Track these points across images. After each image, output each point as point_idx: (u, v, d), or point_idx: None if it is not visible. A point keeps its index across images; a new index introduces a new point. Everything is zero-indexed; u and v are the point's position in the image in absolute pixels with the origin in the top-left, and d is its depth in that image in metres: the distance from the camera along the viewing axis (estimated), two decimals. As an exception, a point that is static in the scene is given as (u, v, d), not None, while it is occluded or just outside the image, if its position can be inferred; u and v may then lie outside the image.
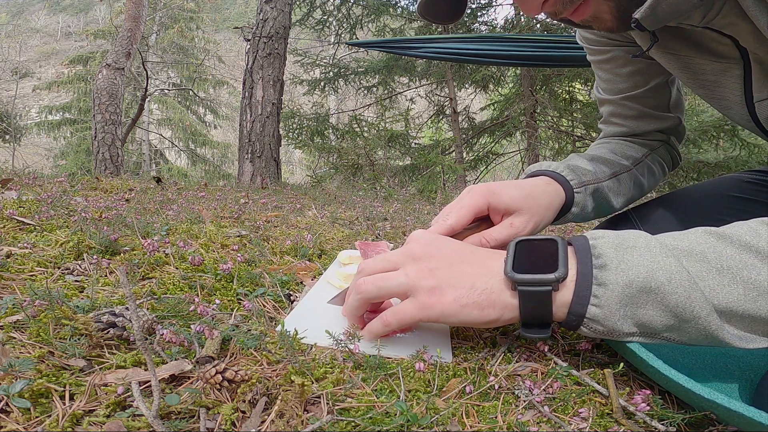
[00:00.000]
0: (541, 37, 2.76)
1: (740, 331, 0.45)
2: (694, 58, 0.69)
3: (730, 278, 0.44)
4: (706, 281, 0.44)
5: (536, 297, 0.47)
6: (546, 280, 0.46)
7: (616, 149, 0.83)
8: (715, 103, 0.74)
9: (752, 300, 0.43)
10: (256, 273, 0.76)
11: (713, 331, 0.44)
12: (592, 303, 0.45)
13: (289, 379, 0.44)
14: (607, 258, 0.46)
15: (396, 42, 3.32)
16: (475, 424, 0.42)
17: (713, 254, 0.45)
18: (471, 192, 0.65)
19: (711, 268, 0.44)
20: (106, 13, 21.28)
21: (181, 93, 14.37)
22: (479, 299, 0.48)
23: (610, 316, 0.45)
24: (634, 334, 0.46)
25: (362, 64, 6.83)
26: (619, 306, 0.45)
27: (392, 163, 6.37)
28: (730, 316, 0.44)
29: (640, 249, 0.46)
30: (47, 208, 1.12)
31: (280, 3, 4.27)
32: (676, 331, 0.45)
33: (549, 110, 6.45)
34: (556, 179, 0.70)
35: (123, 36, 4.93)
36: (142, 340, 0.39)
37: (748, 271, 0.43)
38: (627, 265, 0.45)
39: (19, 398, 0.38)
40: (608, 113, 0.89)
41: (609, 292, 0.45)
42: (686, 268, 0.44)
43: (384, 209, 2.28)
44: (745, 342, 0.45)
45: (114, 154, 4.65)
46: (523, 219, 0.64)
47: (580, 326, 0.47)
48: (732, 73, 0.66)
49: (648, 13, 0.55)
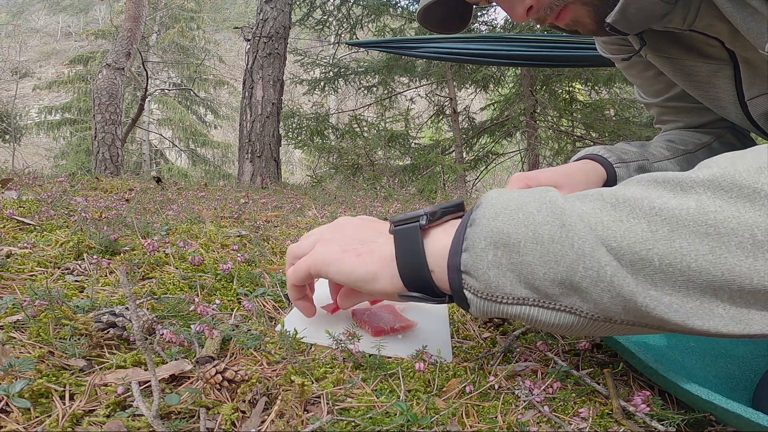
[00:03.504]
0: (541, 37, 2.76)
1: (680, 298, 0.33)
2: (686, 61, 0.70)
3: (628, 211, 0.34)
4: (597, 217, 0.35)
5: (405, 235, 0.43)
6: (414, 214, 0.43)
7: (673, 138, 0.82)
8: (711, 103, 0.74)
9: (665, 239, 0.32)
10: (256, 273, 0.76)
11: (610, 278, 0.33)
12: (464, 248, 0.39)
13: (289, 379, 0.44)
14: (486, 198, 0.40)
15: (396, 42, 3.32)
16: (475, 424, 0.42)
17: (610, 192, 0.36)
18: (511, 179, 0.67)
19: (605, 204, 0.35)
20: (106, 13, 21.29)
21: (182, 93, 14.38)
22: (360, 248, 0.46)
23: (478, 262, 0.37)
24: (526, 300, 0.37)
25: (362, 64, 6.83)
26: (485, 245, 0.37)
27: (392, 163, 6.37)
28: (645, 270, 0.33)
29: (523, 195, 0.39)
30: (47, 208, 1.12)
31: (280, 3, 4.27)
32: (573, 292, 0.35)
33: (549, 110, 6.45)
34: (593, 159, 0.72)
35: (123, 36, 4.93)
36: (142, 340, 0.39)
37: (650, 201, 0.34)
38: (499, 200, 0.39)
39: (19, 398, 0.38)
40: (658, 114, 0.89)
41: (475, 229, 0.38)
42: (570, 202, 0.37)
43: (384, 209, 2.28)
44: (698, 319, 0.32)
45: (114, 154, 4.65)
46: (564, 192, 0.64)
47: (462, 289, 0.39)
48: (723, 73, 0.67)
49: (619, 17, 0.57)
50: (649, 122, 5.38)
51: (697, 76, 0.71)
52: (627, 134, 5.40)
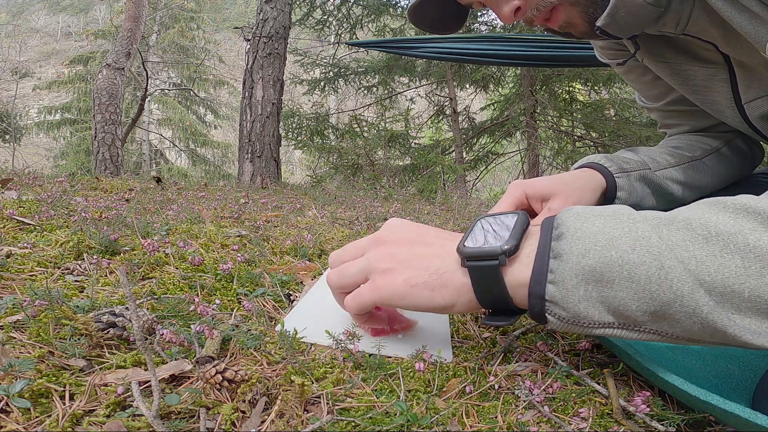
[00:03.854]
0: (541, 37, 2.76)
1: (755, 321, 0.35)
2: (682, 65, 0.70)
3: (722, 247, 0.35)
4: (690, 251, 0.36)
5: (484, 273, 0.42)
6: (491, 252, 0.41)
7: (678, 143, 0.81)
8: (708, 107, 0.74)
9: (757, 275, 0.34)
10: (256, 273, 0.76)
11: (706, 315, 0.35)
12: (549, 280, 0.39)
13: (289, 379, 0.44)
14: (566, 227, 0.40)
15: (396, 42, 3.32)
16: (475, 424, 0.42)
17: (699, 220, 0.37)
18: (509, 187, 0.68)
19: (696, 236, 0.36)
20: (106, 13, 21.28)
21: (182, 93, 14.37)
22: (430, 279, 0.45)
23: (568, 296, 0.38)
24: (612, 324, 0.39)
25: (362, 64, 6.83)
26: (577, 282, 0.38)
27: (392, 163, 6.37)
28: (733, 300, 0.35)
29: (605, 217, 0.40)
30: (47, 208, 1.12)
31: (280, 3, 4.27)
32: (663, 319, 0.37)
33: (549, 110, 6.45)
34: (592, 167, 0.71)
35: (123, 36, 4.93)
36: (142, 340, 0.39)
37: (744, 237, 0.35)
38: (585, 232, 0.39)
39: (19, 398, 0.38)
40: (660, 118, 0.88)
41: (564, 265, 0.38)
42: (660, 236, 0.37)
43: (384, 209, 2.28)
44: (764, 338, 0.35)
45: (114, 154, 4.65)
46: (560, 201, 0.64)
47: (544, 313, 0.40)
48: (719, 77, 0.67)
49: (609, 20, 0.57)
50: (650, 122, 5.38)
51: (693, 80, 0.71)
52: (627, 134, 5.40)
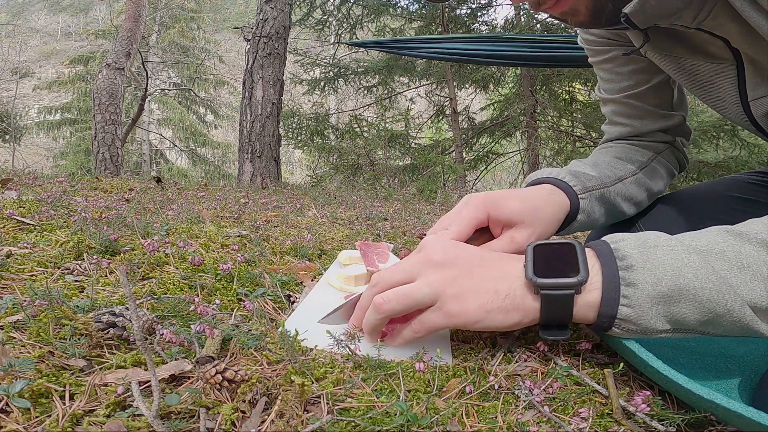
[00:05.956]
0: (541, 37, 2.76)
1: None
2: (688, 60, 0.69)
3: (751, 275, 0.44)
4: (730, 278, 0.45)
5: (559, 300, 0.48)
6: (569, 284, 0.47)
7: (620, 154, 0.82)
8: (711, 103, 0.74)
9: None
10: (256, 273, 0.76)
11: (748, 322, 0.45)
12: (623, 303, 0.46)
13: (289, 379, 0.44)
14: (633, 259, 0.47)
15: (396, 42, 3.32)
16: (475, 424, 0.42)
17: (732, 252, 0.46)
18: (470, 203, 0.63)
19: (732, 266, 0.45)
20: (106, 13, 21.28)
21: (182, 93, 14.37)
22: (503, 304, 0.49)
23: (642, 316, 0.46)
24: (668, 330, 0.47)
25: (362, 64, 6.83)
26: (651, 305, 0.45)
27: (392, 163, 6.37)
28: (757, 311, 0.45)
29: (662, 248, 0.47)
30: (47, 208, 1.12)
31: (280, 3, 4.27)
32: (710, 325, 0.46)
33: (549, 110, 6.45)
34: (560, 186, 0.68)
35: (123, 36, 4.93)
36: (142, 340, 0.39)
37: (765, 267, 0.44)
38: (653, 264, 0.46)
39: (19, 398, 0.38)
40: (611, 112, 0.88)
41: (639, 292, 0.46)
42: (711, 265, 0.45)
43: (384, 209, 2.28)
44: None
45: (114, 154, 4.65)
46: (525, 233, 0.62)
47: (612, 327, 0.48)
48: (726, 73, 0.66)
49: (637, 8, 0.55)
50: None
51: (698, 75, 0.70)
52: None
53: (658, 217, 0.84)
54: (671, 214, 0.83)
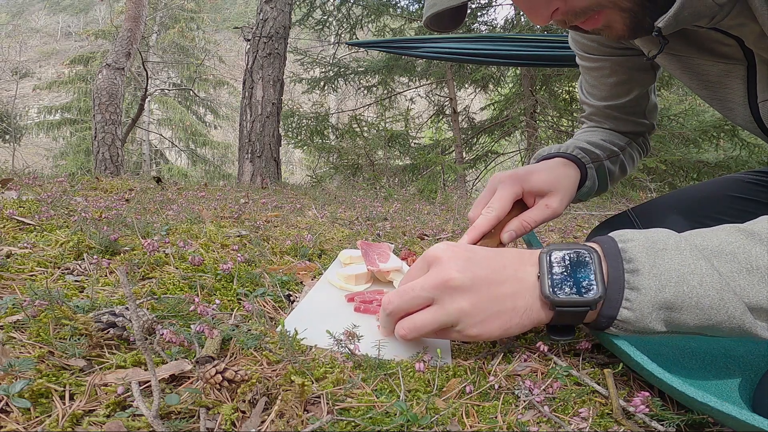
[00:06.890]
0: (541, 37, 2.75)
1: None
2: (697, 60, 0.69)
3: (759, 278, 0.45)
4: (737, 281, 0.45)
5: (573, 315, 0.49)
6: (586, 302, 0.48)
7: (605, 137, 0.88)
8: (716, 104, 0.74)
9: None
10: (256, 273, 0.76)
11: (747, 327, 0.45)
12: (624, 306, 0.47)
13: (289, 379, 0.44)
14: (639, 263, 0.47)
15: (396, 42, 3.31)
16: (475, 424, 0.42)
17: (743, 254, 0.46)
18: (502, 181, 0.71)
19: (741, 269, 0.45)
20: (106, 13, 21.27)
21: (182, 93, 14.37)
22: (521, 321, 0.50)
23: (642, 319, 0.46)
24: (664, 332, 0.47)
25: (362, 64, 6.83)
26: (652, 310, 0.46)
27: (392, 163, 6.37)
28: (761, 313, 0.45)
29: (670, 251, 0.47)
30: (47, 208, 1.12)
31: (280, 3, 4.27)
32: (708, 329, 0.46)
33: (549, 110, 6.45)
34: (570, 159, 0.76)
35: (123, 36, 4.93)
36: (142, 340, 0.39)
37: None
38: (659, 269, 0.46)
39: (19, 398, 0.38)
40: (589, 113, 0.93)
41: (642, 297, 0.46)
42: (717, 270, 0.45)
43: (384, 209, 2.28)
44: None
45: (114, 154, 4.65)
46: (557, 199, 0.71)
47: (609, 327, 0.48)
48: (736, 74, 0.66)
49: (671, 21, 0.54)
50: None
51: (707, 76, 0.69)
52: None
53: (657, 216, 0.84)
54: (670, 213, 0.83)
